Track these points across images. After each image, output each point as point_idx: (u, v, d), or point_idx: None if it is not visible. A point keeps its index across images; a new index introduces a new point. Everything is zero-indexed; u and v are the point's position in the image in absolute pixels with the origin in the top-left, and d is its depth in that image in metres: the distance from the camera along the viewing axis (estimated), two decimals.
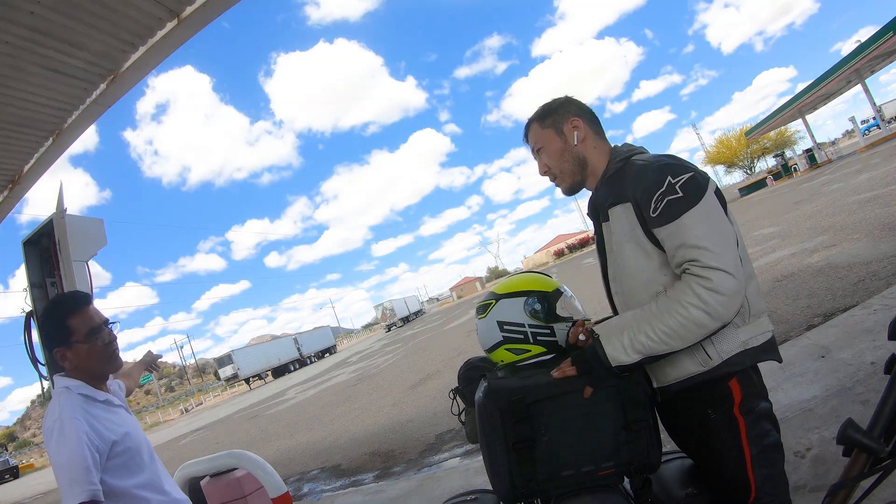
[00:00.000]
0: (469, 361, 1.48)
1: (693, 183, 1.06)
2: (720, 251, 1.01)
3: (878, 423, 0.94)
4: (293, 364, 44.49)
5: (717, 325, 1.01)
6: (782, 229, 9.02)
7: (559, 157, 1.29)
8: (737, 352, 1.09)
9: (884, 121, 25.14)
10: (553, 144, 1.30)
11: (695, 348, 1.09)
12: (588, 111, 1.31)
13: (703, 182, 1.07)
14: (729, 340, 1.10)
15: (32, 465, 35.43)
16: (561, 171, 1.30)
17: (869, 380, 2.55)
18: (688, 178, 1.07)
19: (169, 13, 2.53)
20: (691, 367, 1.12)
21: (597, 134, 1.30)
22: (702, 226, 1.03)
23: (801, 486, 1.97)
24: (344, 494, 4.32)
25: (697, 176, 1.08)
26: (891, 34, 15.87)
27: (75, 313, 1.39)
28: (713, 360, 1.10)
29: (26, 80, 2.59)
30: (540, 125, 1.31)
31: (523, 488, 1.15)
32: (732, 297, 0.99)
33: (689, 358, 1.11)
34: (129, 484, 1.34)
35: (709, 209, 1.05)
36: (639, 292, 1.16)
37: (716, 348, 1.09)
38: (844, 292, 4.25)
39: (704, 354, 1.10)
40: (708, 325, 1.01)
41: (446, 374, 8.63)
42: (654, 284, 1.13)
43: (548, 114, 1.31)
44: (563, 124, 1.28)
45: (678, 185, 1.06)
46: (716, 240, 1.02)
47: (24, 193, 3.52)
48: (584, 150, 1.27)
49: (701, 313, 1.00)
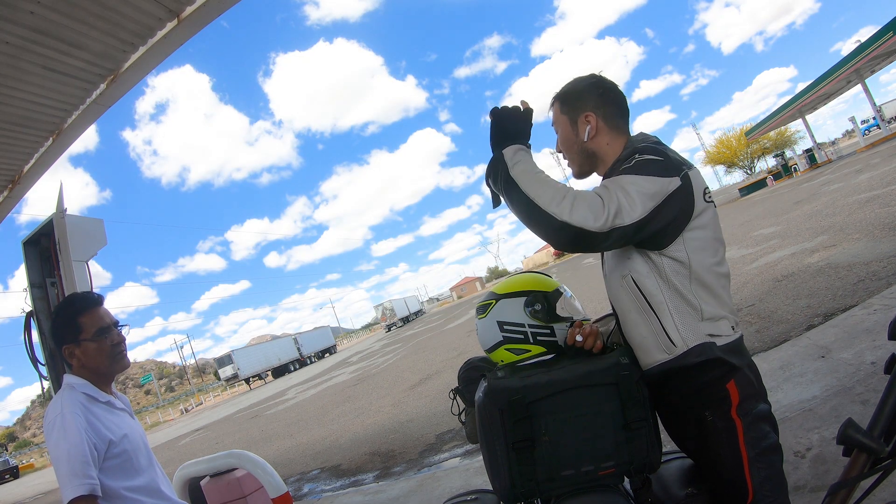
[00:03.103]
0: (469, 361, 1.48)
1: (651, 163, 1.09)
2: (613, 196, 1.04)
3: (878, 423, 0.94)
4: (293, 364, 44.49)
5: (553, 207, 1.04)
6: (782, 229, 9.01)
7: (568, 146, 1.31)
8: (700, 342, 1.10)
9: (884, 121, 25.12)
10: (564, 132, 1.31)
11: (658, 333, 1.12)
12: (610, 102, 1.27)
13: (664, 170, 1.08)
14: (691, 329, 1.11)
15: (32, 465, 35.42)
16: (570, 158, 1.33)
17: (869, 380, 2.55)
18: (651, 158, 1.10)
19: (169, 13, 2.53)
20: (657, 354, 1.14)
21: (613, 127, 1.26)
22: (621, 184, 1.07)
23: (801, 486, 1.97)
24: (344, 494, 4.32)
25: (663, 163, 1.09)
26: (891, 34, 15.86)
27: (86, 312, 1.43)
28: (677, 348, 1.11)
29: (26, 80, 2.59)
30: (560, 108, 1.31)
31: (523, 488, 1.15)
32: (586, 209, 1.03)
33: (654, 344, 1.13)
34: (122, 486, 1.34)
35: (644, 185, 1.06)
36: (611, 274, 1.22)
37: (680, 335, 1.11)
38: (844, 292, 4.24)
39: (667, 340, 1.11)
40: (551, 198, 1.05)
41: (446, 374, 8.63)
42: (620, 267, 1.18)
43: (569, 99, 1.30)
44: (578, 116, 1.28)
45: (636, 160, 1.10)
46: (617, 195, 1.05)
47: (24, 193, 3.52)
48: (593, 145, 1.27)
49: (559, 192, 1.06)
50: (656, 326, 1.12)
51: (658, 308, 1.12)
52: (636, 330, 1.16)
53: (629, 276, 1.15)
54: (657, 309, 1.12)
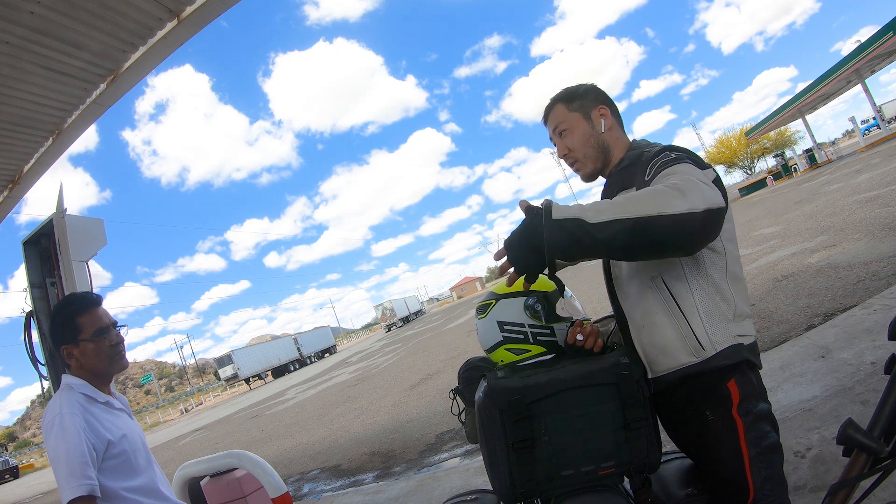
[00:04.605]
0: (469, 361, 1.48)
1: (688, 153, 1.10)
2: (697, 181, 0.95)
3: (878, 423, 0.94)
4: (293, 364, 44.49)
5: (686, 204, 0.88)
6: (782, 229, 9.01)
7: (584, 141, 1.28)
8: (729, 344, 1.08)
9: (884, 121, 25.13)
10: (580, 128, 1.29)
11: (686, 336, 1.09)
12: (613, 102, 1.32)
13: (702, 162, 1.09)
14: (721, 331, 1.09)
15: (32, 465, 35.41)
16: (584, 155, 1.29)
17: (869, 380, 2.55)
18: (685, 152, 1.11)
19: (169, 13, 2.53)
20: (683, 357, 1.10)
21: (620, 125, 1.31)
22: (690, 172, 1.00)
23: (801, 486, 1.97)
24: (344, 494, 4.32)
25: (698, 157, 1.10)
26: (891, 34, 15.87)
27: (85, 312, 1.43)
28: (706, 351, 1.08)
29: (26, 80, 2.59)
30: (566, 107, 1.30)
31: (523, 488, 1.15)
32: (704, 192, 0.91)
33: (681, 347, 1.10)
34: (121, 486, 1.34)
35: (701, 174, 1.01)
36: (631, 278, 1.19)
37: (709, 337, 1.08)
38: (844, 292, 4.24)
39: (696, 343, 1.08)
40: (674, 202, 0.88)
41: (446, 374, 8.63)
42: (649, 269, 1.15)
43: (575, 97, 1.30)
44: (591, 110, 1.28)
45: (673, 153, 1.09)
46: (698, 177, 0.97)
47: (24, 193, 3.52)
48: (609, 139, 1.28)
49: (671, 192, 0.91)
50: (685, 329, 1.09)
51: (687, 310, 1.10)
52: (661, 333, 1.13)
53: (659, 278, 1.12)
54: (686, 311, 1.10)
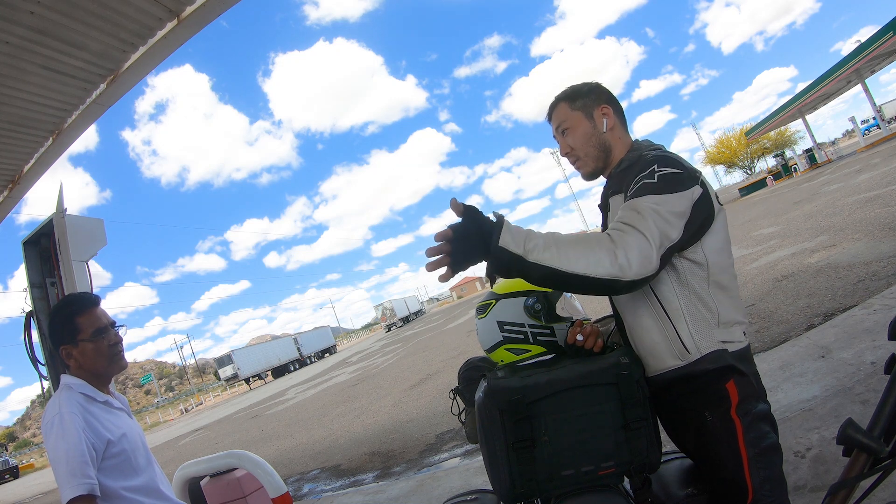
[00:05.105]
0: (469, 361, 1.48)
1: (674, 178, 1.06)
2: (653, 227, 0.99)
3: (878, 423, 0.94)
4: (293, 364, 44.48)
5: (614, 270, 0.95)
6: (782, 229, 9.01)
7: (586, 140, 1.29)
8: (713, 349, 1.10)
9: (884, 121, 25.12)
10: (582, 127, 1.29)
11: (672, 339, 1.11)
12: (616, 102, 1.32)
13: (686, 181, 1.07)
14: (706, 336, 1.11)
15: (32, 465, 35.40)
16: (586, 154, 1.30)
17: (869, 380, 2.55)
18: (672, 172, 1.07)
19: (169, 13, 2.53)
20: (670, 360, 1.13)
21: (622, 124, 1.31)
22: (651, 211, 1.02)
23: (801, 486, 1.97)
24: (344, 494, 4.32)
25: (684, 175, 1.07)
26: (891, 34, 15.86)
27: (83, 312, 1.43)
28: (690, 355, 1.10)
29: (26, 80, 2.59)
30: (569, 105, 1.31)
31: (523, 488, 1.15)
32: (641, 257, 0.96)
33: (667, 350, 1.12)
34: (121, 486, 1.34)
35: (674, 204, 1.03)
36: None
37: (694, 342, 1.10)
38: (844, 292, 4.24)
39: (682, 346, 1.11)
40: (605, 264, 0.94)
41: (446, 374, 8.63)
42: None
43: (578, 95, 1.31)
44: (594, 109, 1.29)
45: (658, 174, 1.07)
46: (655, 223, 1.00)
47: (24, 193, 3.52)
48: (610, 139, 1.28)
49: (607, 253, 0.96)
50: (670, 333, 1.12)
51: (673, 314, 1.12)
52: (648, 336, 1.15)
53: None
54: (672, 315, 1.12)
